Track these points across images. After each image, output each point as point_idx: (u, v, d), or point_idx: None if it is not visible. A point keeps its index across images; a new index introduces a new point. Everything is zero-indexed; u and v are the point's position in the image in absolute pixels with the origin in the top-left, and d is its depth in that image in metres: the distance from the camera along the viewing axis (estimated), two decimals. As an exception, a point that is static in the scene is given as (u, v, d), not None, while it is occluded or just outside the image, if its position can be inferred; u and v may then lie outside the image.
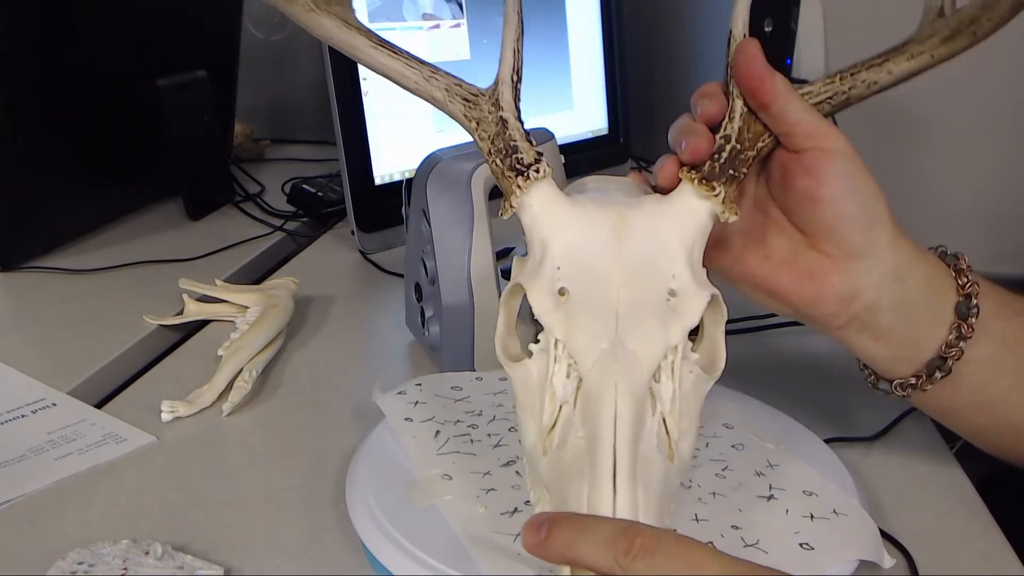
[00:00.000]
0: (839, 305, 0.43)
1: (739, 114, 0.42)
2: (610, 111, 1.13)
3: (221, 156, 1.07)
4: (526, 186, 0.40)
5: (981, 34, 0.42)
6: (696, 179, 0.40)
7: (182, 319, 0.73)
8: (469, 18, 0.94)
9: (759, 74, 0.41)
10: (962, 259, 0.45)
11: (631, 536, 0.32)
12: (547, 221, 0.40)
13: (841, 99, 0.43)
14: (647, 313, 0.37)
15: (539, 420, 0.37)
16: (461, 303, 0.60)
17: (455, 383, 0.55)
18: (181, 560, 0.43)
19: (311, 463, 0.53)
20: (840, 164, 0.42)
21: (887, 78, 0.42)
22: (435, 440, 0.49)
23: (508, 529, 0.42)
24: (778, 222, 0.44)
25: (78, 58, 0.84)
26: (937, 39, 0.42)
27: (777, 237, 0.44)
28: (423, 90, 0.43)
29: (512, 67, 0.42)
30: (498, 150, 0.41)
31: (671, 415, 0.37)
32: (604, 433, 0.35)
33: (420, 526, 0.42)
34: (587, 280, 0.38)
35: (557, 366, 0.37)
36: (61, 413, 0.58)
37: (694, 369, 0.38)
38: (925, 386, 0.44)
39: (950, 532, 0.47)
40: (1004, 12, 0.41)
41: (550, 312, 0.38)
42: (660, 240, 0.39)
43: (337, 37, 0.42)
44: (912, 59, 0.42)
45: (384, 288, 0.81)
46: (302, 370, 0.66)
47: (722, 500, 0.45)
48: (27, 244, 0.86)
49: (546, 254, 0.39)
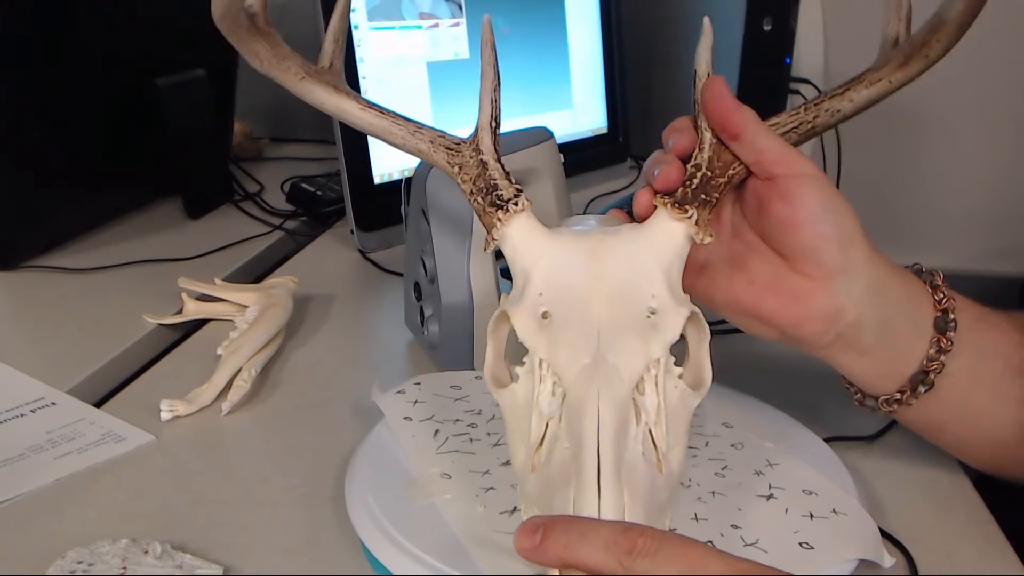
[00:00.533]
0: (824, 324, 0.44)
1: (708, 144, 0.44)
2: (610, 111, 1.13)
3: (220, 155, 1.07)
4: (506, 219, 0.42)
5: (933, 56, 0.44)
6: (669, 203, 0.42)
7: (181, 318, 0.73)
8: (468, 17, 0.94)
9: (728, 108, 0.43)
10: (937, 275, 0.46)
11: (632, 537, 0.32)
12: (528, 251, 0.41)
13: (807, 128, 0.45)
14: (627, 330, 0.38)
15: (527, 439, 0.38)
16: (460, 302, 0.60)
17: (454, 382, 0.55)
18: (180, 559, 0.43)
19: (311, 462, 0.53)
20: (812, 187, 0.43)
21: (849, 106, 0.45)
22: (434, 439, 0.49)
23: (507, 528, 0.42)
24: (757, 248, 0.46)
25: (77, 57, 0.84)
26: (893, 65, 0.44)
27: (758, 263, 0.45)
28: (409, 144, 0.45)
29: (490, 115, 0.44)
30: (479, 189, 0.43)
31: (657, 426, 0.38)
32: (587, 438, 0.35)
33: (420, 526, 0.42)
34: (568, 303, 0.39)
35: (542, 385, 0.38)
36: (60, 412, 0.58)
37: (679, 384, 0.39)
38: (910, 400, 0.45)
39: (950, 532, 0.47)
40: (951, 34, 0.44)
41: (534, 334, 0.39)
42: (638, 262, 0.40)
43: (328, 102, 0.46)
44: (871, 86, 0.45)
45: (383, 287, 0.81)
46: (301, 369, 0.65)
47: (721, 499, 0.45)
48: (27, 244, 0.86)
49: (528, 282, 0.40)
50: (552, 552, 0.33)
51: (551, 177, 0.63)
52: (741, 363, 0.56)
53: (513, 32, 0.99)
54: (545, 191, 0.63)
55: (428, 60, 0.92)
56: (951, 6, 0.44)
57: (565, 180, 0.65)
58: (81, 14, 0.84)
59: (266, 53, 0.45)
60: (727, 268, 0.46)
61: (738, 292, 0.45)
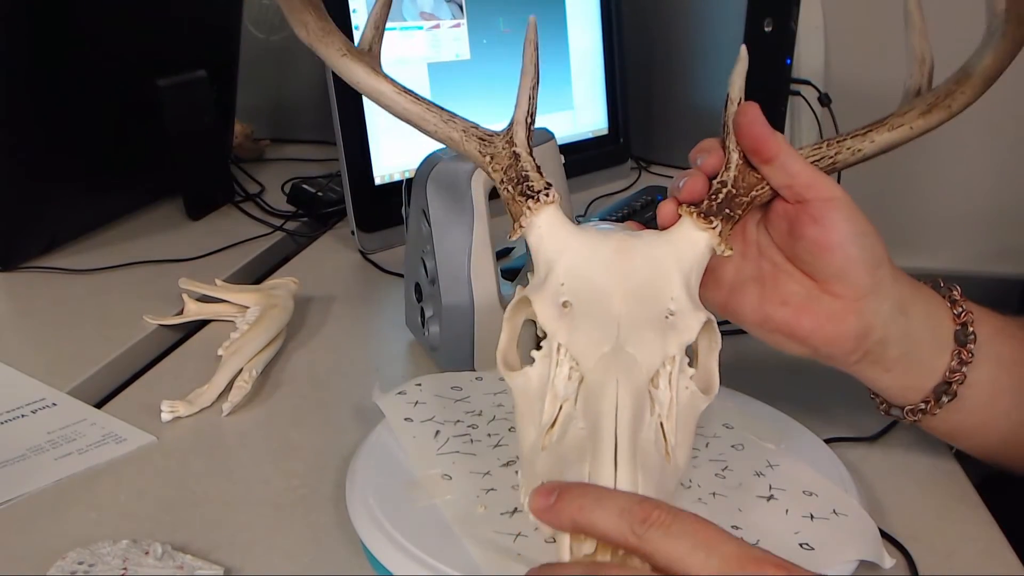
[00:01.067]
0: (855, 343, 0.45)
1: (735, 165, 0.45)
2: (610, 111, 1.13)
3: (221, 156, 1.07)
4: (536, 208, 0.43)
5: (956, 108, 0.46)
6: (695, 213, 0.43)
7: (182, 319, 0.73)
8: (469, 18, 0.94)
9: (762, 134, 0.44)
10: (955, 289, 0.48)
11: (648, 508, 0.32)
12: (553, 242, 0.42)
13: (828, 163, 0.46)
14: (646, 326, 0.39)
15: (538, 421, 0.39)
16: (461, 303, 0.60)
17: (455, 383, 0.55)
18: (181, 560, 0.43)
19: (311, 463, 0.53)
20: (843, 211, 0.44)
21: (871, 147, 0.46)
22: (435, 440, 0.49)
23: (508, 529, 0.42)
24: (787, 271, 0.47)
25: (78, 58, 0.84)
26: (915, 113, 0.46)
27: (789, 283, 0.46)
28: (442, 132, 0.46)
29: (526, 111, 0.45)
30: (510, 179, 0.44)
31: (668, 420, 0.38)
32: (606, 418, 0.36)
33: (420, 526, 0.42)
34: (590, 295, 0.40)
35: (559, 369, 0.39)
36: (61, 413, 0.58)
37: (691, 385, 0.40)
38: (934, 411, 0.47)
39: (950, 532, 0.47)
40: (976, 87, 0.46)
41: (554, 320, 0.40)
42: (660, 265, 0.42)
43: (365, 83, 0.46)
44: (893, 130, 0.46)
45: (384, 288, 0.81)
46: (302, 370, 0.66)
47: (722, 500, 0.45)
48: (27, 244, 0.86)
49: (551, 271, 0.41)
50: (566, 514, 0.33)
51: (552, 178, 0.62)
52: (741, 364, 0.56)
53: (513, 32, 0.99)
54: (545, 192, 0.63)
55: (429, 61, 0.92)
56: (978, 60, 0.46)
57: (566, 181, 0.65)
58: (82, 15, 0.84)
59: (314, 24, 0.46)
60: (757, 287, 0.47)
61: (771, 311, 0.46)
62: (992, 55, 0.45)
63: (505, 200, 0.44)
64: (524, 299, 0.41)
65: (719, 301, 0.47)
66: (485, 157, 0.45)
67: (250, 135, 1.27)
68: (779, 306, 0.46)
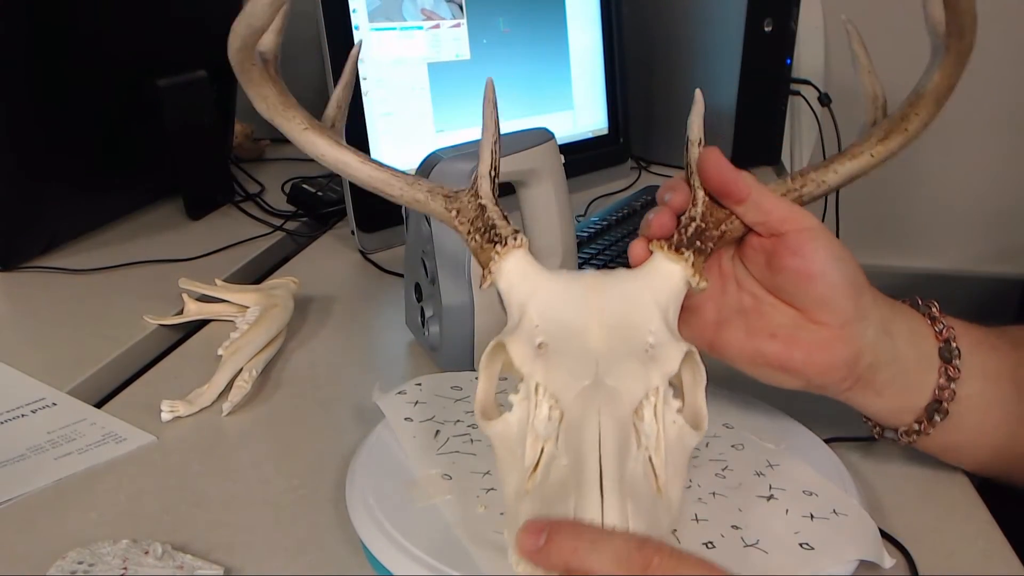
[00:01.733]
0: (847, 369, 0.45)
1: (701, 201, 0.45)
2: (610, 111, 1.13)
3: (221, 156, 1.07)
4: (504, 252, 0.42)
5: (912, 131, 0.47)
6: (666, 246, 0.43)
7: (182, 319, 0.73)
8: (469, 18, 0.94)
9: (729, 177, 0.44)
10: (933, 306, 0.48)
11: (648, 553, 0.31)
12: (524, 285, 0.42)
13: (795, 196, 0.47)
14: (626, 359, 0.38)
15: (520, 466, 0.37)
16: (461, 303, 0.60)
17: (455, 383, 0.55)
18: (181, 560, 0.43)
19: (311, 463, 0.53)
20: (821, 239, 0.44)
21: (834, 177, 0.47)
22: (435, 440, 0.49)
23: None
24: (770, 302, 0.47)
25: (78, 58, 0.84)
26: (874, 140, 0.47)
27: (774, 315, 0.46)
28: (407, 195, 0.46)
29: (489, 165, 0.45)
30: (476, 228, 0.44)
31: (656, 454, 0.37)
32: (589, 448, 0.35)
33: (420, 526, 0.42)
34: (565, 333, 0.39)
35: (538, 410, 0.37)
36: (61, 413, 0.58)
37: (678, 420, 0.38)
38: (928, 430, 0.47)
39: (950, 532, 0.47)
40: (929, 107, 0.47)
41: (530, 361, 0.38)
42: (635, 299, 0.41)
43: (329, 154, 0.46)
44: (854, 159, 0.47)
45: (384, 288, 0.81)
46: (302, 370, 0.66)
47: (722, 500, 0.45)
48: (27, 244, 0.86)
49: (524, 314, 0.41)
50: (557, 557, 0.32)
51: (552, 178, 0.63)
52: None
53: (513, 32, 0.99)
54: (546, 192, 0.63)
55: (429, 61, 0.92)
56: (928, 80, 0.47)
57: (566, 181, 0.65)
58: (82, 15, 0.84)
59: (274, 99, 0.46)
60: (742, 321, 0.47)
61: (760, 345, 0.45)
62: (940, 72, 0.46)
63: (473, 251, 0.44)
64: (499, 344, 0.39)
65: (706, 341, 0.47)
66: (451, 212, 0.45)
67: (250, 135, 1.27)
68: (768, 339, 0.45)
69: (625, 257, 0.44)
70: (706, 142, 0.46)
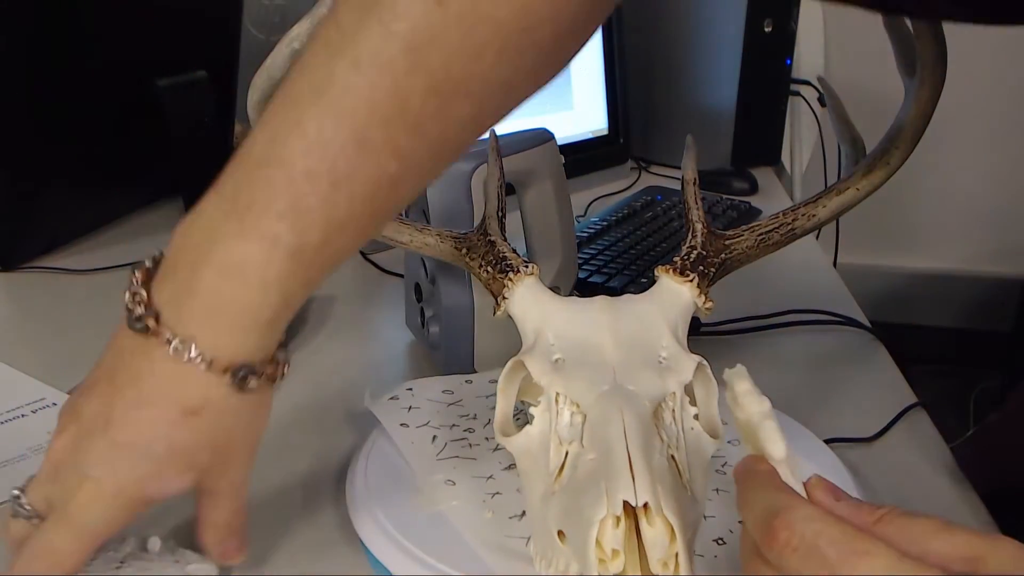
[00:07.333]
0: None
1: (700, 232, 0.47)
2: (610, 111, 1.13)
3: (221, 156, 1.07)
4: (517, 279, 0.44)
5: (895, 163, 0.49)
6: (670, 270, 0.45)
7: (182, 319, 0.73)
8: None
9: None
10: None
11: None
12: (538, 310, 0.43)
13: (787, 230, 0.49)
14: (642, 368, 0.39)
15: (545, 473, 0.37)
16: (461, 303, 0.60)
17: (446, 387, 0.55)
18: (179, 554, 0.43)
19: (311, 463, 0.53)
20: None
21: (824, 212, 0.50)
22: (433, 445, 0.49)
23: (519, 532, 0.42)
24: None
25: (78, 58, 0.84)
26: (859, 175, 0.50)
27: None
28: (416, 240, 0.51)
29: (496, 206, 0.50)
30: (488, 261, 0.47)
31: (679, 452, 0.37)
32: (615, 438, 0.35)
33: (420, 526, 0.42)
34: (582, 348, 0.40)
35: (560, 417, 0.38)
36: (61, 413, 0.58)
37: (695, 425, 0.39)
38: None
39: (950, 532, 0.47)
40: (908, 139, 0.49)
41: (548, 374, 0.39)
42: (646, 318, 0.42)
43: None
44: (841, 194, 0.50)
45: (384, 288, 0.81)
46: (302, 370, 0.65)
47: (726, 496, 0.46)
48: (27, 244, 0.86)
49: (540, 335, 0.42)
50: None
51: (552, 178, 0.63)
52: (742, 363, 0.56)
53: (513, 33, 0.99)
54: (546, 192, 0.63)
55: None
56: (905, 114, 0.48)
57: (566, 181, 0.65)
58: (83, 15, 0.84)
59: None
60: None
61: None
62: (916, 106, 0.48)
63: (486, 283, 0.46)
64: (518, 363, 0.40)
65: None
66: (461, 250, 0.47)
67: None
68: None
69: (625, 257, 0.45)
70: (706, 143, 0.46)
